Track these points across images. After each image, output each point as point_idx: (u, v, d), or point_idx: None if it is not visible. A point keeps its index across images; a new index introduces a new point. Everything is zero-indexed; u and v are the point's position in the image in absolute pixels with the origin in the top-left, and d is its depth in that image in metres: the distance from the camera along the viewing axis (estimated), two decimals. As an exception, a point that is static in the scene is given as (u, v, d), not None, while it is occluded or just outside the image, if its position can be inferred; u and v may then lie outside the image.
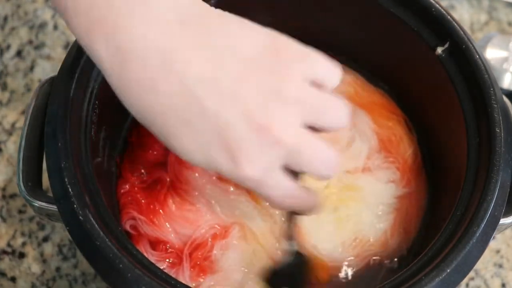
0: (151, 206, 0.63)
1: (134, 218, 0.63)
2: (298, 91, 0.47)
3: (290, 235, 0.58)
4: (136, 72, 0.45)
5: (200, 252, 0.62)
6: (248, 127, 0.45)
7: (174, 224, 0.62)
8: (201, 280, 0.61)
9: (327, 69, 0.49)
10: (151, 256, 0.61)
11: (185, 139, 0.46)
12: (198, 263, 0.61)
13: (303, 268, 0.60)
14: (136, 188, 0.65)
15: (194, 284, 0.61)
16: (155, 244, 0.62)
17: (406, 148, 0.68)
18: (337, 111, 0.49)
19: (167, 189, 0.64)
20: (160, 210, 0.63)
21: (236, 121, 0.45)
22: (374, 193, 0.65)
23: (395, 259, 0.65)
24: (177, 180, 0.64)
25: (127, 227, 0.63)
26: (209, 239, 0.62)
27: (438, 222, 0.60)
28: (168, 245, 0.62)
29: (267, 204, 0.54)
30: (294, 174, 0.50)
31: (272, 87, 0.46)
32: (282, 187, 0.49)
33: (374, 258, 0.64)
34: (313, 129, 0.48)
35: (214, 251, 0.62)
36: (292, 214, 0.56)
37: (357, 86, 0.71)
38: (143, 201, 0.63)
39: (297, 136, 0.47)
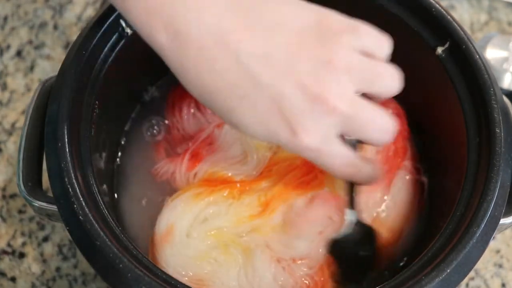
0: None
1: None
2: (349, 60, 0.48)
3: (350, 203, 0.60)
4: (194, 55, 0.48)
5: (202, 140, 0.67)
6: (303, 98, 0.47)
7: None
8: (197, 166, 0.66)
9: (376, 39, 0.51)
10: None
11: (244, 113, 0.49)
12: (197, 151, 0.66)
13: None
14: None
15: (191, 173, 0.65)
16: None
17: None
18: (389, 77, 0.51)
19: None
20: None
21: (291, 93, 0.47)
22: None
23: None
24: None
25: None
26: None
27: (438, 222, 0.60)
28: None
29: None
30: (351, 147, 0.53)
31: (324, 58, 0.48)
32: (341, 155, 0.51)
33: None
34: (367, 97, 0.50)
35: (215, 131, 0.66)
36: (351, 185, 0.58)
37: None
38: None
39: (351, 103, 0.49)
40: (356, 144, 0.54)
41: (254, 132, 0.50)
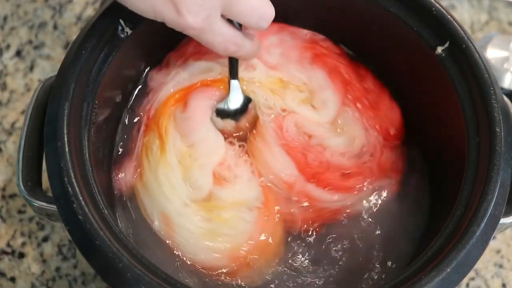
0: None
1: None
2: None
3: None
4: None
5: None
6: None
7: None
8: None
9: None
10: None
11: None
12: None
13: None
14: None
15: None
16: None
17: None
18: None
19: None
20: None
21: None
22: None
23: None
24: None
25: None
26: None
27: (438, 222, 0.59)
28: None
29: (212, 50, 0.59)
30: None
31: None
32: (222, 33, 0.56)
33: None
34: None
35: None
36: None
37: None
38: None
39: None
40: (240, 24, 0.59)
41: (140, 9, 0.54)
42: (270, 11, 0.56)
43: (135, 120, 0.68)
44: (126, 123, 0.69)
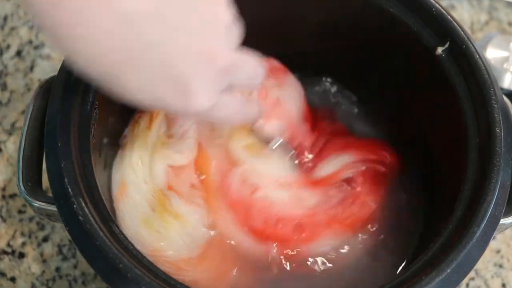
0: None
1: None
2: (231, 19, 0.48)
3: None
4: (67, 15, 0.41)
5: None
6: (195, 59, 0.45)
7: None
8: None
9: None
10: None
11: (131, 78, 0.44)
12: None
13: None
14: None
15: None
16: None
17: None
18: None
19: None
20: None
21: (182, 54, 0.44)
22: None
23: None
24: None
25: None
26: None
27: (438, 222, 0.59)
28: None
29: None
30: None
31: (210, 17, 0.46)
32: (226, 106, 0.51)
33: None
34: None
35: None
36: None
37: None
38: None
39: (234, 57, 0.49)
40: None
41: (141, 99, 0.47)
42: (262, 70, 0.53)
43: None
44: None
